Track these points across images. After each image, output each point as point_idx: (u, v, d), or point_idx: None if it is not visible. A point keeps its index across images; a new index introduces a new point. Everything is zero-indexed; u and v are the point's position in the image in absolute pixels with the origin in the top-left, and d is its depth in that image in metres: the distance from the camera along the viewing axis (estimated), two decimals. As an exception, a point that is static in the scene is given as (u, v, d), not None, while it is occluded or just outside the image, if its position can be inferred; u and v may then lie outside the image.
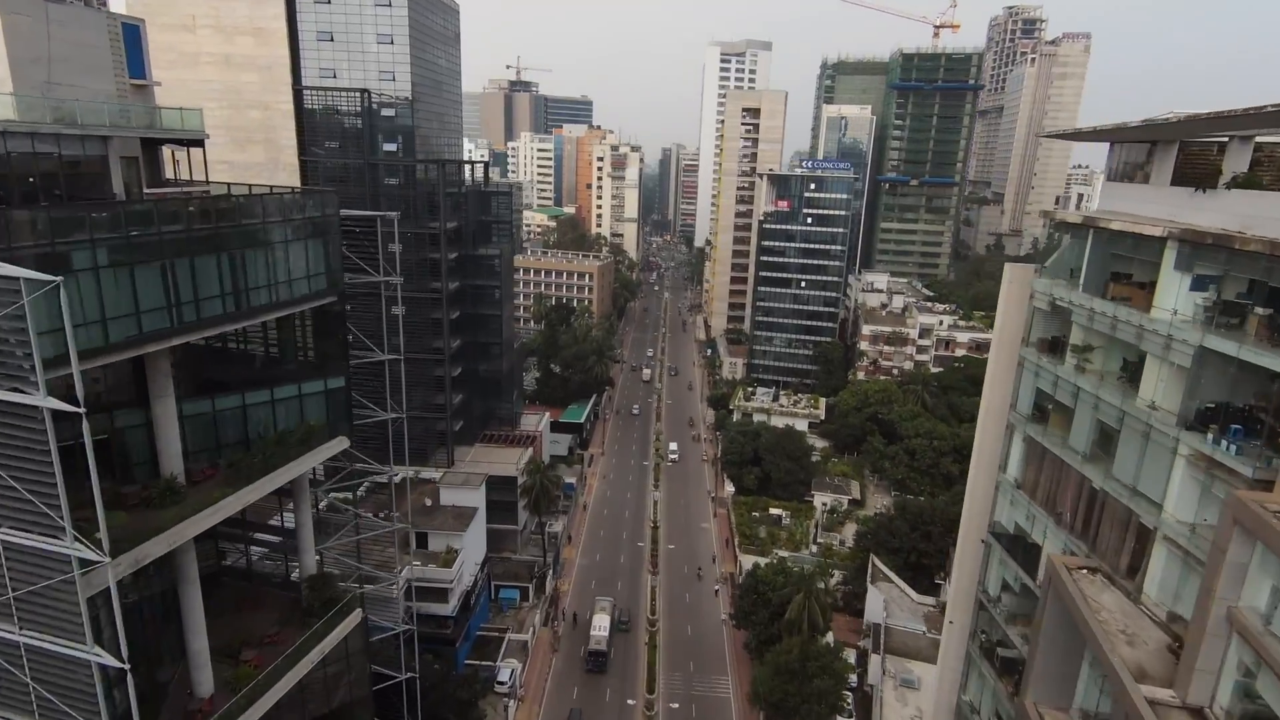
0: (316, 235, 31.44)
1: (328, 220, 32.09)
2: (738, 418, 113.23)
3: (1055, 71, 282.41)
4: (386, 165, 72.87)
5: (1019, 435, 32.11)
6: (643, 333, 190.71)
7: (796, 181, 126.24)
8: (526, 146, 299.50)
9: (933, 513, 73.02)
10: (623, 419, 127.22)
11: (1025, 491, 31.52)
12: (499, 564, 76.63)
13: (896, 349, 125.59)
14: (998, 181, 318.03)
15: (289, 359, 33.71)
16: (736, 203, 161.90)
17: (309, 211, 31.61)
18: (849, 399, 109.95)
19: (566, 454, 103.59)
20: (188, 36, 67.94)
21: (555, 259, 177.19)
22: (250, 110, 69.62)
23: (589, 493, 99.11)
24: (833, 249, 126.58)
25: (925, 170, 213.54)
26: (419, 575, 57.89)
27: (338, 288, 33.18)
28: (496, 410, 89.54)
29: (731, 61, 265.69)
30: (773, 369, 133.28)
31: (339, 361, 34.35)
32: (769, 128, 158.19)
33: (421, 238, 74.57)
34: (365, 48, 70.00)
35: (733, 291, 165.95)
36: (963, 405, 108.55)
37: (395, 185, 73.31)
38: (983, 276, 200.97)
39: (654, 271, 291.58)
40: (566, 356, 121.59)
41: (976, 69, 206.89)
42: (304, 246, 30.77)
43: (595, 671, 65.47)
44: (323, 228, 31.77)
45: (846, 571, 75.24)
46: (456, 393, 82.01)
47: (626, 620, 72.42)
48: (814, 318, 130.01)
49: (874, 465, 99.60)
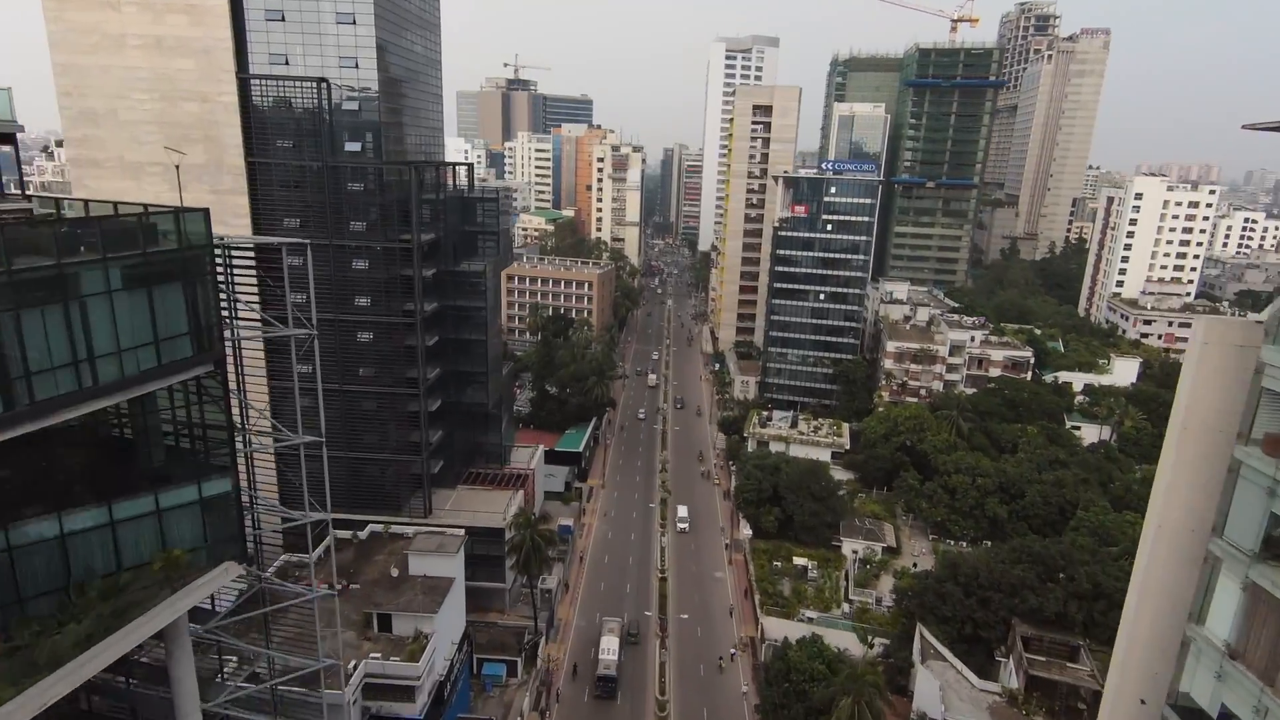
0: (169, 278, 20.72)
1: (191, 257, 21.33)
2: (752, 446, 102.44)
3: (1073, 69, 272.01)
4: (350, 168, 62.08)
5: (1232, 578, 21.35)
6: (645, 344, 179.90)
7: (815, 185, 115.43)
8: (524, 147, 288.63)
9: (990, 573, 62.19)
10: (626, 445, 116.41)
11: (1247, 666, 20.76)
12: (482, 631, 65.89)
13: (924, 368, 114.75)
14: (1011, 183, 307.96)
15: (144, 457, 22.93)
16: (746, 206, 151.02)
17: (162, 243, 20.87)
18: (876, 426, 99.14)
19: (563, 490, 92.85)
20: (111, 15, 57.18)
21: (553, 266, 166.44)
22: (186, 103, 58.86)
23: (588, 535, 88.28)
24: (854, 258, 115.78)
25: (942, 171, 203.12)
26: (377, 671, 47.17)
27: (212, 352, 22.46)
28: (483, 445, 78.75)
29: (737, 59, 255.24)
30: (788, 389, 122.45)
31: (222, 455, 23.62)
32: (781, 127, 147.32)
33: (392, 253, 63.80)
34: (323, 29, 59.19)
35: (742, 301, 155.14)
36: (1002, 434, 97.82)
37: (360, 191, 62.54)
38: (1005, 284, 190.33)
39: (656, 277, 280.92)
40: (564, 377, 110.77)
41: (997, 64, 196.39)
42: (146, 298, 20.05)
43: (605, 698, 61.54)
44: (181, 268, 21.02)
45: (889, 642, 64.46)
46: (435, 429, 71.27)
47: (635, 633, 69.76)
48: (834, 333, 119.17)
49: (908, 504, 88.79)
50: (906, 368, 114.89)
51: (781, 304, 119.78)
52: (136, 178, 60.42)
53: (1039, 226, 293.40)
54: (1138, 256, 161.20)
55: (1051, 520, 79.65)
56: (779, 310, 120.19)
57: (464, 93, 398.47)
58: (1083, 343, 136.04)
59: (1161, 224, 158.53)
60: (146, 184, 60.66)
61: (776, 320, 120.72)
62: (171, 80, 58.44)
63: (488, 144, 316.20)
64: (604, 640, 65.04)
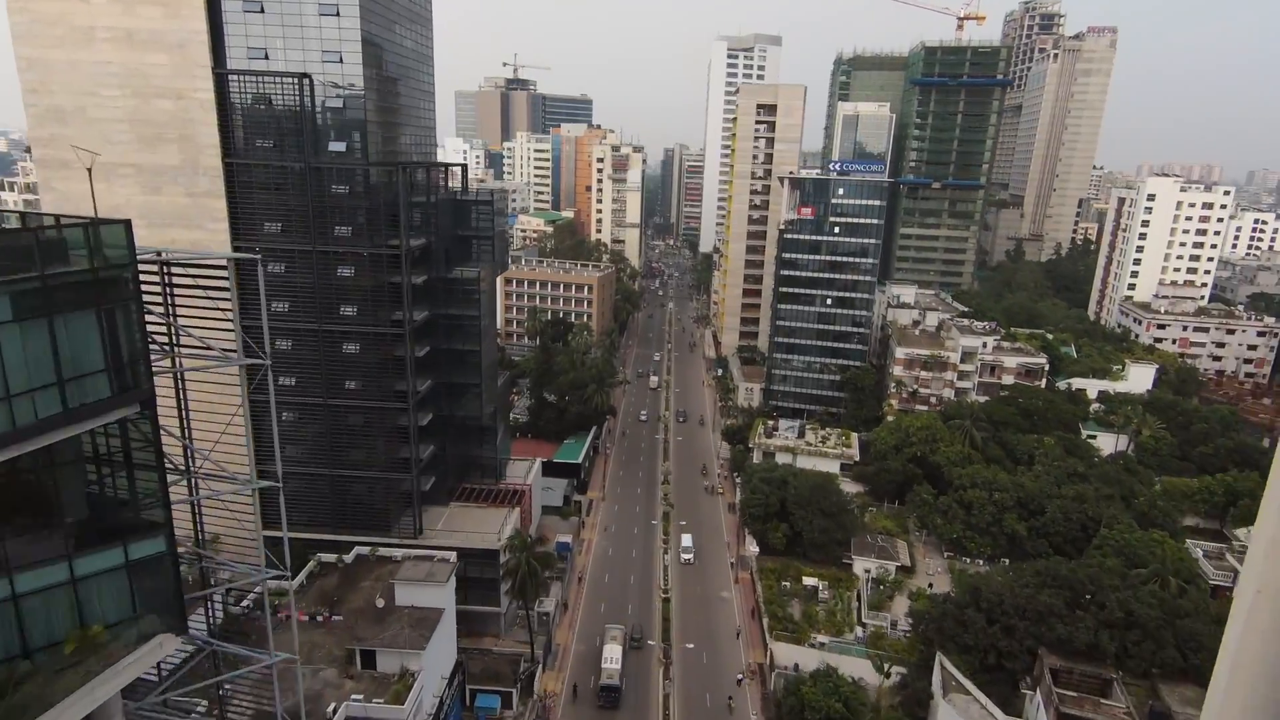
0: (78, 305, 17.10)
1: (108, 279, 17.71)
2: (758, 457, 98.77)
3: (1079, 68, 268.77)
4: (335, 170, 58.47)
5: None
6: (646, 348, 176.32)
7: (821, 186, 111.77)
8: (523, 147, 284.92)
9: (1014, 599, 58.57)
10: (626, 454, 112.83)
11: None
12: (475, 659, 62.28)
13: (935, 375, 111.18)
14: (1016, 183, 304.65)
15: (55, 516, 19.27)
16: (750, 208, 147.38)
17: (71, 263, 17.25)
18: (886, 437, 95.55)
19: (561, 505, 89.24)
20: (79, 6, 53.54)
21: (551, 269, 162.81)
22: (160, 100, 55.21)
23: (587, 551, 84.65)
24: (863, 262, 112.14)
25: (948, 172, 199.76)
26: (359, 715, 43.59)
27: (138, 390, 18.85)
28: (478, 459, 75.17)
29: (739, 57, 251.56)
30: (793, 396, 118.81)
31: (154, 510, 20.01)
32: (786, 126, 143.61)
33: (379, 259, 60.20)
34: (305, 21, 55.52)
35: (745, 305, 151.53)
36: (1018, 445, 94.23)
37: (346, 194, 58.93)
38: (1014, 287, 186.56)
39: (657, 278, 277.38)
40: (563, 384, 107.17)
41: (1005, 63, 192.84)
42: (46, 329, 16.41)
43: (609, 708, 60.11)
44: (95, 292, 17.41)
45: (906, 671, 60.85)
46: (426, 443, 67.71)
47: (639, 636, 68.62)
48: (841, 339, 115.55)
49: (921, 519, 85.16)
50: (916, 375, 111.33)
51: (787, 309, 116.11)
52: (108, 179, 56.81)
53: (1044, 227, 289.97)
54: (1150, 259, 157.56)
55: (1073, 538, 76.04)
56: (784, 315, 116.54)
57: (462, 92, 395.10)
58: (1095, 348, 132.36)
59: (1175, 225, 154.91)
60: (119, 187, 57.15)
61: (782, 325, 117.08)
62: (144, 75, 54.83)
63: (486, 144, 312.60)
64: (607, 649, 63.63)
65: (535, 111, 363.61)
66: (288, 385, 61.62)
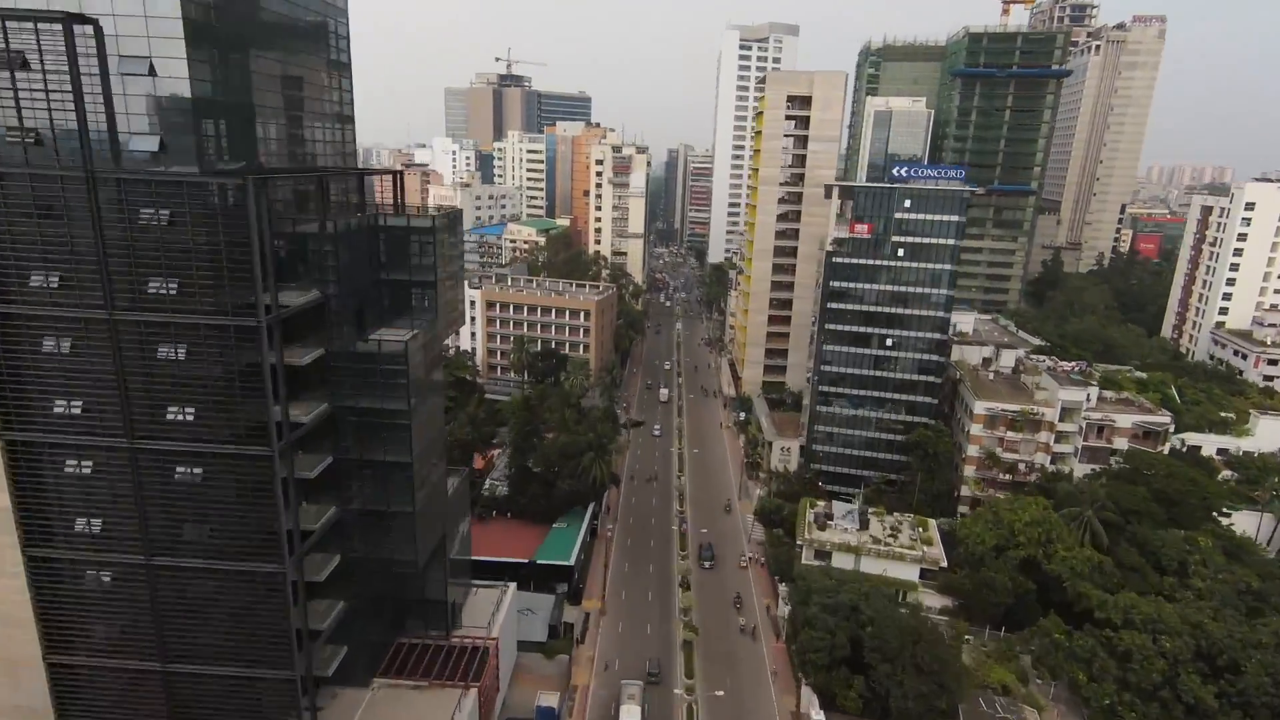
0: None
1: None
2: (808, 556, 74.57)
3: (1124, 60, 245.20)
4: (145, 183, 34.39)
5: None
6: (653, 374, 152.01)
7: (882, 197, 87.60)
8: (514, 147, 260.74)
9: None
10: (634, 534, 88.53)
11: None
12: None
13: (1025, 437, 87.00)
14: (1051, 187, 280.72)
15: None
16: (778, 220, 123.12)
17: None
18: (982, 532, 71.44)
19: (544, 641, 65.03)
20: None
21: (542, 292, 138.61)
22: None
23: (580, 713, 60.32)
24: (934, 294, 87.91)
25: (994, 176, 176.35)
26: None
27: None
28: (413, 608, 51.04)
29: (752, 48, 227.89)
30: (842, 459, 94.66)
31: None
32: (822, 122, 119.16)
33: (226, 331, 36.07)
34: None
35: (771, 335, 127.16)
36: (1162, 548, 69.97)
37: (166, 225, 34.80)
38: (1078, 308, 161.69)
39: (661, 291, 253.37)
40: (551, 453, 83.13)
41: (1061, 51, 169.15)
42: None
43: None
44: None
45: None
46: (326, 601, 43.59)
47: (656, 671, 62.93)
48: (904, 389, 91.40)
49: (1051, 664, 60.98)
50: (1002, 436, 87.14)
51: (835, 350, 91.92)
52: None
53: (1083, 235, 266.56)
54: (1247, 278, 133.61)
55: (1287, 715, 52.16)
56: (832, 358, 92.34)
57: (452, 89, 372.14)
58: (1201, 390, 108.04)
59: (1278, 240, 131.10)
60: None
61: (828, 372, 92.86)
62: None
63: (478, 144, 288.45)
64: (624, 709, 56.42)
65: (530, 110, 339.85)
66: (85, 534, 37.64)
